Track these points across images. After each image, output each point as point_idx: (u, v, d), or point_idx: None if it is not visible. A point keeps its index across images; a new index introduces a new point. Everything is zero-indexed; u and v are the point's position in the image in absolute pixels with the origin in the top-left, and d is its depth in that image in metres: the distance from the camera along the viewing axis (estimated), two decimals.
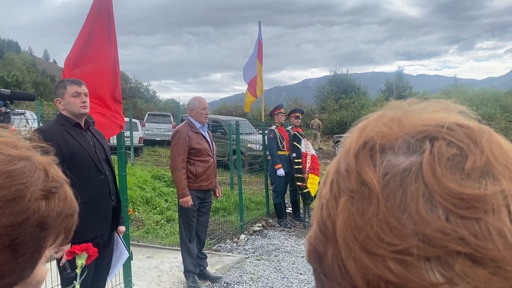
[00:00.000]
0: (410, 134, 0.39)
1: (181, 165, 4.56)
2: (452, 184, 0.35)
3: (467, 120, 0.40)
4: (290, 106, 32.17)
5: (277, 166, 7.26)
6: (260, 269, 5.49)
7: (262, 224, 7.42)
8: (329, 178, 0.43)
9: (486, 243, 0.33)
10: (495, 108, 29.05)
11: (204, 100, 4.85)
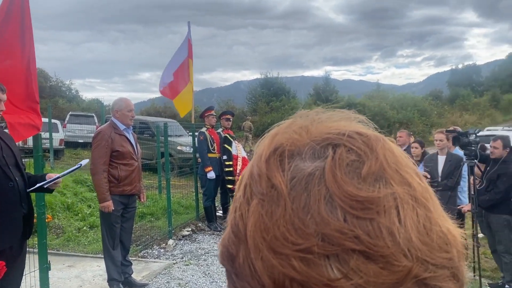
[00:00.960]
0: (315, 141, 0.42)
1: (102, 168, 4.34)
2: (350, 187, 0.38)
3: (366, 128, 0.44)
4: (222, 108, 32.13)
5: (207, 169, 7.17)
6: (188, 274, 5.37)
7: (192, 228, 7.29)
8: (243, 182, 0.45)
9: (378, 241, 0.37)
10: (413, 112, 31.13)
11: (130, 102, 4.67)
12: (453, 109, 37.94)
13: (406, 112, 30.68)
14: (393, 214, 0.38)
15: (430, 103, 35.61)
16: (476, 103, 40.46)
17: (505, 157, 5.07)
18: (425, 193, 0.41)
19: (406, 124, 29.69)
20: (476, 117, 36.90)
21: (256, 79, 42.37)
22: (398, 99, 34.32)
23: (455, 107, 38.68)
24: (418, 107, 32.62)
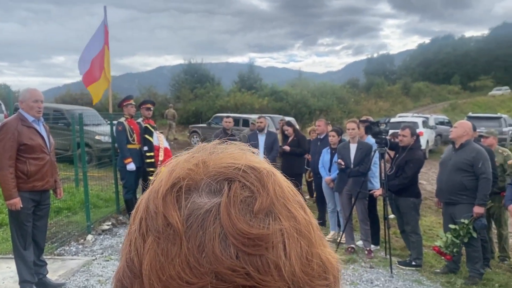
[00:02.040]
0: (212, 176, 0.43)
1: (8, 163, 4.02)
2: (242, 225, 0.39)
3: (259, 161, 0.46)
4: (144, 95, 31.11)
5: (126, 160, 6.94)
6: (109, 270, 5.20)
7: (112, 222, 7.04)
8: (138, 214, 0.44)
9: (266, 276, 0.39)
10: (332, 100, 32.47)
11: (36, 92, 4.33)
12: (368, 97, 40.23)
13: (326, 99, 31.92)
14: (280, 248, 0.40)
15: (348, 91, 37.37)
16: (389, 90, 43.22)
17: (412, 145, 5.50)
18: (308, 226, 0.44)
19: (326, 111, 30.94)
20: (389, 104, 39.48)
21: (180, 64, 41.55)
22: (319, 87, 35.60)
23: (371, 95, 41.05)
24: (337, 94, 34.12)
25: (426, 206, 8.93)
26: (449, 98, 46.96)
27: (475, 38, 69.59)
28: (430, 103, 44.31)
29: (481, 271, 5.05)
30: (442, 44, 63.00)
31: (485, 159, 4.93)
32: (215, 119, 20.19)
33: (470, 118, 19.62)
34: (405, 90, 44.70)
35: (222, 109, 27.66)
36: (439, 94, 48.45)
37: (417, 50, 70.03)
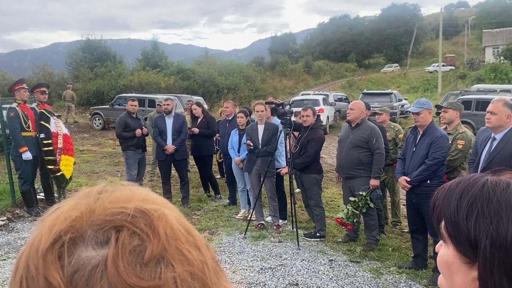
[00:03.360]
0: (99, 226, 0.40)
1: None
2: (132, 279, 0.38)
3: (150, 201, 0.44)
4: (37, 75, 28.57)
5: (21, 149, 6.38)
6: (6, 270, 4.81)
7: (8, 216, 6.47)
8: (19, 272, 0.41)
9: None
10: (239, 78, 32.70)
11: None
12: (273, 75, 41.22)
13: (233, 78, 32.07)
14: None
15: (254, 69, 37.87)
16: (292, 69, 44.64)
17: (313, 124, 5.80)
18: (202, 267, 0.43)
19: (234, 89, 31.14)
20: (293, 82, 40.88)
21: (77, 41, 38.64)
22: (226, 65, 35.58)
23: (276, 73, 42.09)
24: (244, 73, 34.43)
25: (327, 179, 9.53)
26: (347, 75, 49.97)
27: (369, 18, 74.35)
28: (329, 81, 46.79)
29: (377, 238, 5.58)
30: (340, 23, 66.35)
31: (378, 136, 5.38)
32: (119, 99, 19.26)
33: (365, 94, 21.12)
34: (307, 68, 46.55)
35: (125, 89, 26.46)
36: (338, 71, 51.28)
37: (317, 29, 72.95)
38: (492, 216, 0.71)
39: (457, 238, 0.74)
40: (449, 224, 0.76)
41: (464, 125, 15.45)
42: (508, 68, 35.59)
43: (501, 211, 0.71)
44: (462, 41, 60.02)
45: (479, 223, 0.71)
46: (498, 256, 0.68)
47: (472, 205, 0.74)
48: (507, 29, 51.89)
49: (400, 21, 60.48)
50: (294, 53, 60.95)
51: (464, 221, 0.73)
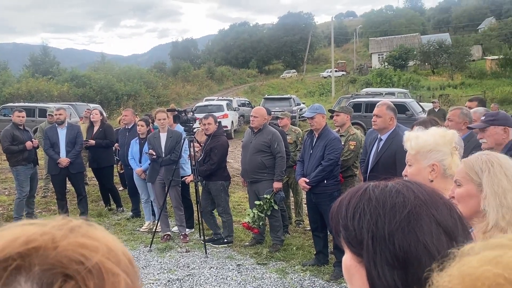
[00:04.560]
0: (51, 265, 0.38)
1: None
2: None
3: (113, 260, 0.41)
4: None
5: None
6: None
7: None
8: None
9: None
10: (140, 84, 31.71)
11: None
12: (176, 81, 40.69)
13: (133, 84, 31.00)
14: None
15: (155, 75, 37.02)
16: (195, 74, 44.50)
17: (215, 132, 5.81)
18: None
19: (134, 96, 30.09)
20: (196, 88, 40.74)
21: None
22: (125, 71, 34.29)
23: (178, 79, 41.58)
24: (145, 79, 33.48)
25: (234, 183, 9.61)
26: (249, 80, 51.14)
27: (267, 25, 76.98)
28: (232, 86, 47.50)
29: (282, 238, 5.76)
30: (240, 30, 67.74)
31: (279, 140, 5.57)
32: (4, 110, 17.50)
33: (266, 99, 21.83)
34: (210, 74, 46.72)
35: (12, 98, 24.15)
36: (240, 77, 52.28)
37: (218, 35, 73.67)
38: (372, 213, 0.78)
39: (348, 239, 0.80)
40: (342, 229, 0.81)
41: (355, 126, 16.66)
42: (392, 73, 39.31)
43: (379, 208, 0.78)
44: (351, 48, 64.93)
45: (362, 221, 0.78)
46: (379, 248, 0.75)
47: (356, 206, 0.80)
48: (389, 38, 57.32)
49: (296, 29, 63.54)
50: (196, 59, 60.75)
51: (351, 222, 0.79)
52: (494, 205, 1.64)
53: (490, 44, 50.67)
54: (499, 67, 38.53)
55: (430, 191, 0.81)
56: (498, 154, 1.79)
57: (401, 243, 0.74)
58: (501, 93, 28.18)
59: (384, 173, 3.58)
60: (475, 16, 73.77)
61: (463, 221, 0.80)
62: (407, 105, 16.30)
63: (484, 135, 3.28)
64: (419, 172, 2.27)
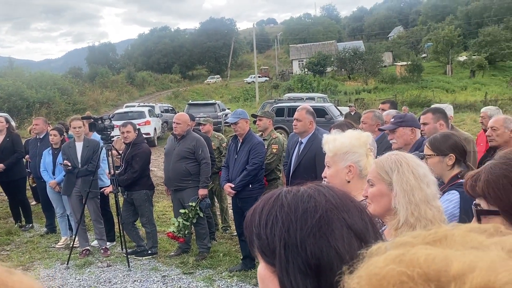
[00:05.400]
0: None
1: None
2: None
3: None
4: None
5: None
6: None
7: None
8: None
9: None
10: (54, 91, 29.81)
11: None
12: (93, 87, 38.80)
13: (46, 91, 29.04)
14: None
15: (70, 81, 35.04)
16: (114, 80, 42.85)
17: (135, 140, 5.59)
18: None
19: (47, 104, 28.21)
20: (115, 94, 39.18)
21: None
22: (36, 77, 32.02)
23: (96, 85, 39.70)
24: (59, 85, 31.53)
25: (158, 192, 9.35)
26: (172, 86, 50.31)
27: (189, 30, 76.44)
28: (155, 92, 46.39)
29: (208, 246, 5.68)
30: (161, 35, 66.46)
31: (203, 146, 5.51)
32: None
33: (190, 105, 21.57)
34: (130, 79, 45.22)
35: None
36: (162, 83, 51.24)
37: (137, 39, 71.69)
38: (284, 220, 0.76)
39: (262, 249, 0.77)
40: (256, 238, 0.79)
41: (279, 130, 16.99)
42: (311, 78, 40.88)
43: (291, 214, 0.76)
44: (273, 55, 66.57)
45: (274, 229, 0.76)
46: (292, 256, 0.73)
47: (269, 214, 0.78)
48: (308, 45, 59.58)
49: (218, 35, 63.79)
50: (115, 64, 58.61)
51: (264, 230, 0.77)
52: (403, 202, 1.73)
53: (399, 51, 54.63)
54: (408, 72, 41.70)
55: (342, 195, 0.82)
56: (406, 154, 1.90)
57: (313, 250, 0.73)
58: (410, 96, 30.46)
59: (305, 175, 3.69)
60: (385, 24, 79.31)
61: (374, 224, 0.82)
62: (326, 109, 17.02)
63: (394, 136, 3.49)
64: (337, 174, 2.34)
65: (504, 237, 0.48)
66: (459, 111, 23.46)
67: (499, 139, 3.65)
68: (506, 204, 1.04)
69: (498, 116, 3.94)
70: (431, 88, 36.52)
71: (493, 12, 54.82)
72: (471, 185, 1.13)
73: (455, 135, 2.69)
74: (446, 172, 2.51)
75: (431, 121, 3.74)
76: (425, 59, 47.97)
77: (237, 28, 73.09)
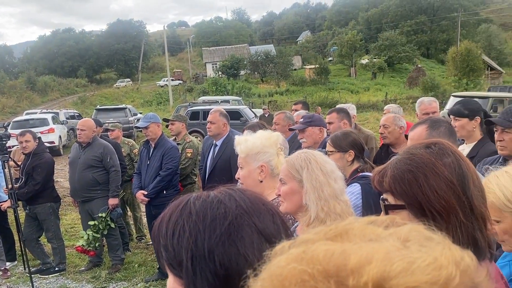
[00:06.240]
0: None
1: None
2: None
3: None
4: None
5: None
6: None
7: None
8: None
9: None
10: None
11: None
12: None
13: None
14: None
15: None
16: (12, 85, 39.46)
17: (35, 149, 5.14)
18: None
19: None
20: (14, 100, 36.03)
21: None
22: None
23: None
24: None
25: (66, 204, 8.73)
26: (78, 91, 47.46)
27: (95, 32, 72.76)
28: (59, 97, 43.41)
29: (122, 257, 5.41)
30: (64, 37, 62.34)
31: (112, 153, 5.23)
32: None
33: (98, 110, 20.52)
34: (30, 84, 41.84)
35: None
36: (67, 87, 48.14)
37: (38, 42, 66.60)
38: (191, 230, 0.72)
39: (169, 261, 0.74)
40: (163, 250, 0.75)
41: (195, 134, 16.89)
42: (226, 81, 41.17)
43: (199, 222, 0.73)
44: (186, 57, 65.87)
45: (181, 240, 0.72)
46: (199, 268, 0.70)
47: (176, 223, 0.74)
48: (221, 48, 59.90)
49: (127, 37, 61.57)
50: (12, 68, 53.90)
51: (170, 241, 0.73)
52: (313, 198, 1.77)
53: (308, 54, 57.09)
54: (316, 75, 43.74)
55: (253, 198, 0.80)
56: (315, 152, 1.96)
57: (221, 259, 0.70)
58: (319, 97, 31.97)
59: (221, 178, 3.65)
60: (294, 29, 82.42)
61: (287, 226, 0.81)
62: (241, 111, 17.21)
63: (303, 135, 3.60)
64: (249, 174, 2.34)
65: (399, 228, 0.49)
66: (363, 111, 25.14)
67: (390, 136, 3.94)
68: (411, 198, 1.09)
69: (389, 115, 4.25)
70: (337, 90, 38.73)
71: (389, 18, 59.65)
72: (378, 181, 1.17)
73: (354, 133, 2.85)
74: (347, 167, 2.65)
75: (335, 120, 3.94)
76: (331, 62, 50.61)
77: (147, 30, 71.07)
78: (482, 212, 1.08)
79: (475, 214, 1.06)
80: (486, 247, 1.08)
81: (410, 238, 0.46)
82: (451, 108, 3.24)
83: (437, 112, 4.11)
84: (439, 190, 1.06)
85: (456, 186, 1.07)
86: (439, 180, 1.07)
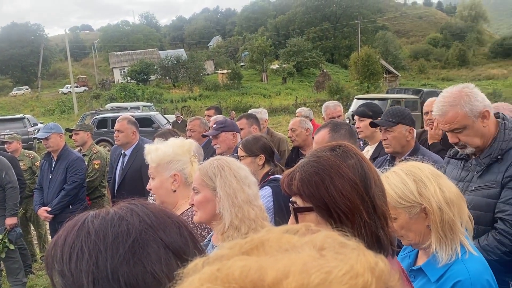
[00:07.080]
0: None
1: None
2: None
3: None
4: None
5: None
6: None
7: None
8: None
9: None
10: None
11: None
12: None
13: None
14: None
15: None
16: None
17: None
18: None
19: None
20: None
21: None
22: None
23: None
24: None
25: None
26: None
27: None
28: None
29: (23, 281, 4.94)
30: None
31: (8, 168, 4.76)
32: None
33: None
34: None
35: None
36: None
37: None
38: (91, 251, 0.66)
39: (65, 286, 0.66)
40: (59, 276, 0.67)
41: (102, 143, 16.07)
42: (135, 87, 39.87)
43: (99, 242, 0.67)
44: (91, 63, 62.67)
45: (80, 263, 0.65)
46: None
47: (73, 245, 0.67)
48: (129, 52, 57.90)
49: (24, 41, 56.96)
50: None
51: (68, 266, 0.66)
52: (227, 206, 1.75)
53: (220, 59, 57.39)
54: (229, 80, 44.12)
55: (158, 212, 0.75)
56: (228, 158, 1.94)
57: (127, 279, 0.65)
58: (233, 102, 32.28)
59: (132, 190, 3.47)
60: (204, 34, 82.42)
61: (195, 238, 0.78)
62: (153, 118, 16.75)
63: (217, 141, 3.58)
64: (162, 184, 2.26)
65: (314, 235, 0.49)
66: (276, 114, 25.88)
67: (298, 138, 4.09)
68: (318, 200, 1.11)
69: (295, 119, 4.42)
70: (250, 94, 39.44)
71: (296, 25, 62.22)
72: (287, 184, 1.18)
73: (264, 137, 2.91)
74: (258, 171, 2.68)
75: (245, 126, 3.99)
76: (243, 67, 51.41)
77: (47, 34, 66.31)
78: (384, 211, 1.13)
79: (377, 213, 1.11)
80: (389, 244, 1.13)
81: (325, 246, 0.46)
82: (356, 109, 3.44)
83: (342, 116, 4.35)
84: (344, 191, 1.09)
85: (359, 186, 1.11)
86: (343, 181, 1.10)
